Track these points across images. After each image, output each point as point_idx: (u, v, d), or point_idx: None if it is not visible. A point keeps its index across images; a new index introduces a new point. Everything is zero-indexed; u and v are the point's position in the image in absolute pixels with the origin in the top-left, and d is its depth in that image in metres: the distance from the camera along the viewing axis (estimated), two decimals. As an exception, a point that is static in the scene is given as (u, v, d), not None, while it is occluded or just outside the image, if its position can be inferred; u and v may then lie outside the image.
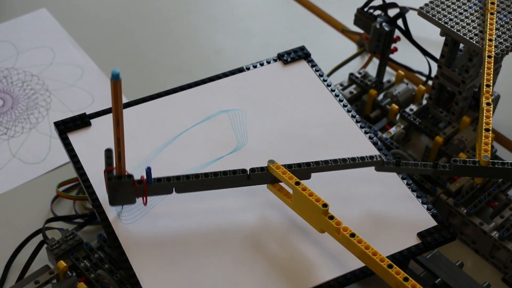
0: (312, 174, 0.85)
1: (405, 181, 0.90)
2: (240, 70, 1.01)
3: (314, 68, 1.01)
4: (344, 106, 0.97)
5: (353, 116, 0.96)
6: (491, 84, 0.92)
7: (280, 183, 0.84)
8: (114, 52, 1.22)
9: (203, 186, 0.83)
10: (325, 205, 0.78)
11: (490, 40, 0.95)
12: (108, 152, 0.79)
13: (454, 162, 0.86)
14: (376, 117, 1.08)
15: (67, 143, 0.91)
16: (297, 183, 0.80)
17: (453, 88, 1.03)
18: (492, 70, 0.93)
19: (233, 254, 0.82)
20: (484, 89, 0.92)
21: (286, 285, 0.80)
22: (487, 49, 0.94)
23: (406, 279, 0.72)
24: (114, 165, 0.80)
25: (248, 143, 0.93)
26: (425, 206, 0.87)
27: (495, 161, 0.87)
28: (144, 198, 0.82)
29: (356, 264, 0.81)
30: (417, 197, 0.88)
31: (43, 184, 1.02)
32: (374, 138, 0.94)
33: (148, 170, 0.80)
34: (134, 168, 0.89)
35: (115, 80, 0.73)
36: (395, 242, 0.83)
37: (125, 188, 0.80)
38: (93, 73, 1.18)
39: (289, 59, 1.02)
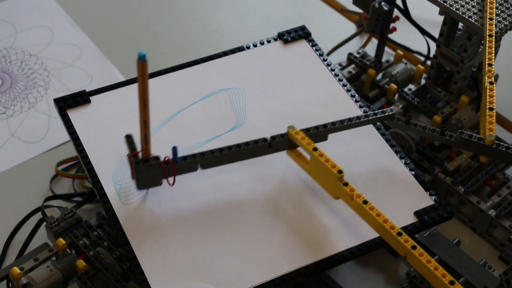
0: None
1: (403, 161, 0.90)
2: (240, 49, 1.01)
3: (314, 48, 1.01)
4: (344, 85, 0.97)
5: (352, 96, 0.96)
6: (493, 63, 0.92)
7: (298, 149, 0.85)
8: (113, 32, 1.21)
9: (226, 159, 0.85)
10: (340, 172, 0.79)
11: (491, 19, 0.95)
12: (129, 138, 0.80)
13: (460, 134, 0.87)
14: (375, 96, 1.08)
15: (67, 120, 0.91)
16: (315, 149, 0.81)
17: (451, 67, 1.03)
18: (493, 49, 0.93)
19: (235, 232, 0.83)
20: (486, 68, 0.92)
21: (287, 261, 0.81)
22: (487, 27, 0.94)
23: (414, 247, 0.74)
24: (139, 149, 0.80)
25: (247, 121, 0.94)
26: (423, 185, 0.88)
27: (500, 143, 0.87)
28: (172, 179, 0.82)
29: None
30: (415, 176, 0.89)
31: (42, 163, 1.02)
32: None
33: (174, 150, 0.80)
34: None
35: (142, 62, 0.73)
36: (392, 220, 0.83)
37: (153, 170, 0.81)
38: (91, 52, 1.18)
39: (289, 39, 1.02)
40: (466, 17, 0.96)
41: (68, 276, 0.85)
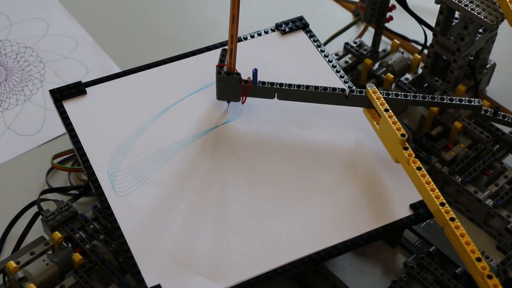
0: (304, 145, 0.87)
1: None
2: (237, 40, 1.00)
3: (312, 39, 1.01)
4: (341, 77, 0.97)
5: (349, 87, 0.96)
6: None
7: (375, 110, 0.89)
8: (109, 23, 1.21)
9: (303, 96, 0.89)
10: (403, 135, 0.82)
11: None
12: (223, 51, 0.89)
13: None
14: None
15: (62, 111, 0.91)
16: (386, 110, 0.84)
17: (448, 56, 1.02)
18: None
19: (227, 225, 0.83)
20: None
21: (282, 253, 0.81)
22: None
23: (452, 219, 0.76)
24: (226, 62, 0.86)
25: (243, 113, 0.93)
26: None
27: None
28: (245, 99, 0.89)
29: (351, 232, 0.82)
30: None
31: (38, 156, 1.02)
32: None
33: (255, 72, 0.87)
34: (129, 136, 0.89)
35: None
36: (387, 213, 0.83)
37: (232, 84, 0.88)
38: (87, 44, 1.17)
39: (287, 29, 1.01)
40: (462, 5, 0.95)
41: (65, 270, 0.84)
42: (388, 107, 0.85)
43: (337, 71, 0.97)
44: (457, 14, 1.02)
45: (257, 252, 0.81)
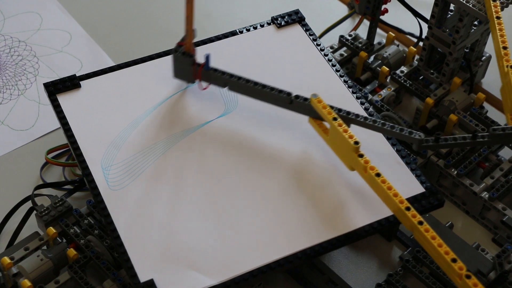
0: (303, 136, 0.87)
1: (395, 148, 0.89)
2: (233, 33, 1.00)
3: (308, 33, 1.00)
4: (337, 71, 0.96)
5: (345, 81, 0.95)
6: (508, 46, 0.89)
7: (322, 121, 0.87)
8: (103, 17, 1.20)
9: (250, 91, 0.89)
10: (356, 143, 0.80)
11: (494, 0, 0.93)
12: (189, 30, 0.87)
13: (493, 131, 0.84)
14: (367, 79, 1.08)
15: (56, 104, 0.90)
16: (335, 119, 0.83)
17: (443, 49, 1.02)
18: (504, 31, 0.91)
19: (221, 219, 0.82)
20: (502, 52, 0.89)
21: (275, 247, 0.80)
22: (493, 9, 0.92)
23: (420, 223, 0.75)
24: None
25: (238, 107, 0.93)
26: (414, 172, 0.87)
27: None
28: (202, 84, 0.90)
29: (348, 226, 0.82)
30: (406, 163, 0.88)
31: (32, 151, 1.01)
32: (366, 104, 0.93)
33: (207, 57, 0.88)
34: (123, 129, 0.88)
35: None
36: (382, 208, 0.83)
37: (185, 65, 0.89)
38: (81, 38, 1.17)
39: (283, 23, 1.01)
40: (458, -2, 0.95)
41: (59, 265, 0.84)
42: (336, 116, 0.83)
43: (333, 65, 0.97)
44: (452, 7, 1.01)
45: (251, 247, 0.80)
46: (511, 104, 0.87)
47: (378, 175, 0.79)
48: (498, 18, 0.92)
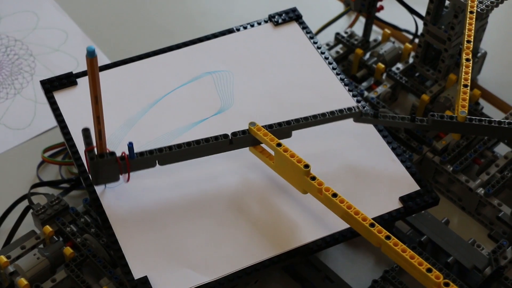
0: (294, 138, 0.85)
1: (391, 145, 0.89)
2: (229, 31, 1.00)
3: (305, 31, 1.00)
4: (334, 69, 0.96)
5: (341, 80, 0.95)
6: (472, 40, 0.91)
7: (262, 145, 0.83)
8: (99, 15, 1.20)
9: (185, 156, 0.82)
10: (306, 166, 0.77)
11: None
12: (86, 131, 0.75)
13: (431, 117, 0.86)
14: (363, 76, 1.08)
15: (53, 102, 0.91)
16: (279, 145, 0.79)
17: (439, 45, 1.02)
18: (473, 26, 0.92)
19: (215, 217, 0.83)
20: (465, 45, 0.91)
21: (269, 245, 0.80)
22: (469, 4, 0.93)
23: (388, 237, 0.72)
24: (94, 144, 0.77)
25: (233, 104, 0.93)
26: (409, 170, 0.87)
27: (472, 117, 0.86)
28: (127, 175, 0.80)
29: (341, 225, 0.81)
30: (401, 161, 0.88)
31: (29, 150, 1.01)
32: (362, 102, 0.93)
33: (130, 146, 0.79)
34: (119, 127, 0.88)
35: (91, 57, 0.71)
36: (376, 206, 0.83)
37: (108, 166, 0.79)
38: (77, 37, 1.17)
39: (280, 21, 1.01)
40: (453, -6, 0.95)
41: (56, 264, 0.84)
42: (279, 141, 0.79)
43: (330, 63, 0.97)
44: (447, 3, 1.01)
45: (245, 244, 0.80)
46: (459, 96, 0.87)
47: (334, 195, 0.75)
48: (471, 12, 0.93)
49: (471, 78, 1.04)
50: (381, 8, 1.11)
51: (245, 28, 1.00)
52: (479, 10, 0.94)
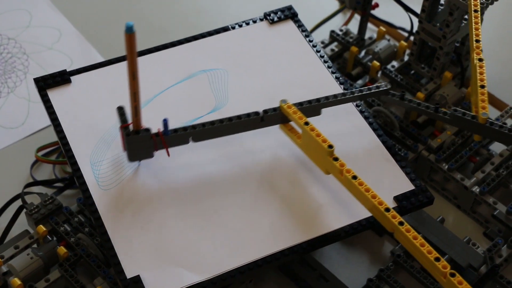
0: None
1: (386, 144, 0.89)
2: (225, 29, 0.99)
3: (300, 29, 1.00)
4: (329, 67, 0.96)
5: (337, 78, 0.95)
6: (481, 39, 0.91)
7: (291, 123, 0.85)
8: (92, 13, 1.20)
9: (218, 132, 0.85)
10: (330, 146, 0.79)
11: None
12: (120, 109, 0.81)
13: (454, 112, 0.87)
14: (358, 74, 1.07)
15: (46, 100, 0.90)
16: (306, 123, 0.81)
17: (434, 43, 1.01)
18: (480, 24, 0.92)
19: (208, 217, 0.82)
20: (474, 45, 0.90)
21: (262, 244, 0.80)
22: (472, 3, 0.92)
23: (401, 223, 0.74)
24: (130, 121, 0.80)
25: (228, 103, 0.92)
26: (404, 169, 0.87)
27: (494, 121, 0.87)
28: (166, 150, 0.83)
29: (336, 224, 0.81)
30: (397, 160, 0.88)
31: (22, 149, 1.01)
32: (357, 101, 0.93)
33: (165, 122, 0.81)
34: (113, 125, 0.88)
35: (130, 33, 0.73)
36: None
37: (143, 142, 0.81)
38: (71, 35, 1.16)
39: (275, 19, 1.00)
40: (448, -8, 0.95)
41: (49, 263, 0.84)
42: (307, 120, 0.82)
43: (325, 61, 0.97)
44: (442, 1, 1.01)
45: (237, 244, 0.80)
46: (476, 97, 0.87)
47: (354, 177, 0.78)
48: (475, 11, 0.92)
49: (466, 75, 1.04)
50: (376, 5, 1.11)
51: (240, 26, 1.00)
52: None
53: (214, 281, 0.78)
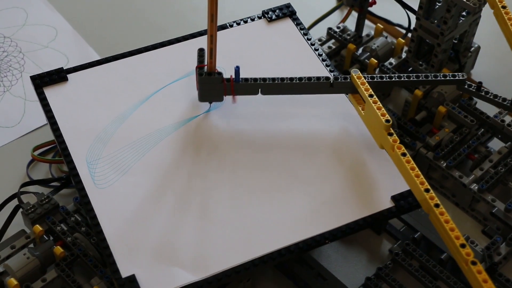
0: (289, 136, 0.86)
1: None
2: (223, 27, 0.99)
3: (299, 27, 1.00)
4: (327, 66, 0.96)
5: (334, 76, 0.95)
6: None
7: (359, 95, 0.88)
8: (89, 11, 1.19)
9: (286, 90, 0.88)
10: (388, 121, 0.81)
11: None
12: (200, 51, 0.87)
13: None
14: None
15: (43, 97, 0.90)
16: (371, 95, 0.84)
17: (432, 40, 1.01)
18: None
19: (204, 215, 0.82)
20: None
21: (259, 244, 0.80)
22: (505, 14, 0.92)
23: (437, 205, 0.76)
24: (206, 63, 0.85)
25: (226, 101, 0.92)
26: None
27: None
28: (233, 97, 0.88)
29: (331, 224, 0.81)
30: None
31: (18, 148, 1.00)
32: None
33: (237, 69, 0.86)
34: (109, 123, 0.88)
35: None
36: (368, 204, 0.82)
37: (214, 84, 0.86)
38: (67, 33, 1.16)
39: (273, 17, 1.00)
40: (445, -12, 0.94)
41: (46, 263, 0.84)
42: (372, 93, 0.84)
43: (323, 60, 0.96)
44: (440, -3, 1.01)
45: (233, 243, 0.80)
46: None
47: (404, 154, 0.80)
48: (504, 7, 0.92)
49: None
50: (374, 2, 1.10)
51: (238, 24, 1.00)
52: (472, 5, 0.94)
53: (210, 280, 0.77)
